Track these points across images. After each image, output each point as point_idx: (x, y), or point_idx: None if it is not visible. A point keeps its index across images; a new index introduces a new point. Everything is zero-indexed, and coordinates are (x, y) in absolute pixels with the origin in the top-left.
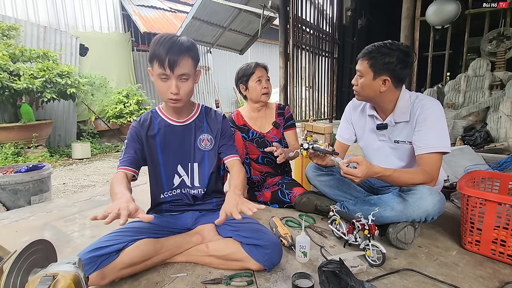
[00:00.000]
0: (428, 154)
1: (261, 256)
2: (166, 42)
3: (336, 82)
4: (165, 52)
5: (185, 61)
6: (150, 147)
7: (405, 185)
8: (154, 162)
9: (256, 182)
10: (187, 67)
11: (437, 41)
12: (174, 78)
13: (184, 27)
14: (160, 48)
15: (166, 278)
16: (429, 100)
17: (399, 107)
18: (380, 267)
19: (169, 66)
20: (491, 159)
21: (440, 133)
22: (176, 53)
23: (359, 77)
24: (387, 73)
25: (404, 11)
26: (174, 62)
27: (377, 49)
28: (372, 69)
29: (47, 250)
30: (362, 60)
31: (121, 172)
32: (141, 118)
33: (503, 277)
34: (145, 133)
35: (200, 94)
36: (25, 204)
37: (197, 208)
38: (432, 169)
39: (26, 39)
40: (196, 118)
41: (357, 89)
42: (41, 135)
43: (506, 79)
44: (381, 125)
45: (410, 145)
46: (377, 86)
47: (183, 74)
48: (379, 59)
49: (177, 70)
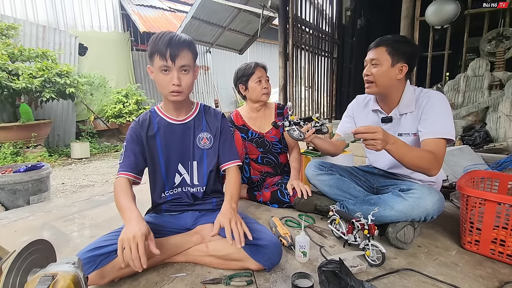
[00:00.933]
0: (434, 139)
1: (260, 256)
2: (166, 36)
3: (335, 82)
4: (166, 45)
5: (185, 53)
6: (150, 147)
7: (412, 163)
8: (155, 162)
9: (256, 182)
10: (188, 59)
11: (437, 41)
12: (175, 69)
13: (183, 27)
14: (161, 42)
15: (166, 278)
16: (435, 92)
17: (405, 98)
18: (379, 267)
19: (170, 57)
20: (491, 159)
21: (446, 121)
22: (177, 46)
23: (374, 66)
24: (405, 60)
25: (404, 11)
26: (175, 53)
27: (393, 37)
28: (391, 56)
29: (46, 250)
30: (379, 48)
31: (123, 178)
32: (140, 118)
33: (503, 276)
34: (145, 133)
35: (200, 94)
36: (24, 204)
37: (197, 208)
38: (439, 153)
39: (25, 39)
40: (196, 116)
41: (371, 78)
42: (40, 135)
43: (505, 79)
44: (386, 118)
45: (414, 137)
46: (394, 74)
47: (184, 66)
48: (397, 46)
49: (179, 61)
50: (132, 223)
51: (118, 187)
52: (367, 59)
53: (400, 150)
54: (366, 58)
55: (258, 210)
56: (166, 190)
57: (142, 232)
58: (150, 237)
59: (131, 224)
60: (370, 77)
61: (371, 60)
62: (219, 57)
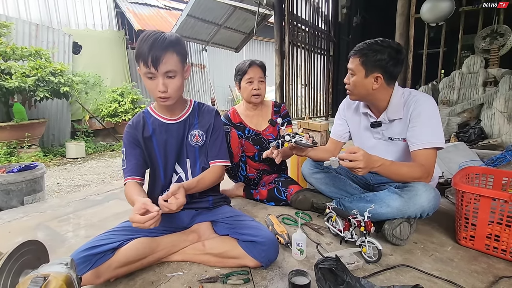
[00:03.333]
0: (423, 150)
1: (257, 253)
2: (149, 39)
3: (331, 80)
4: (148, 49)
5: (169, 57)
6: (148, 148)
7: (402, 179)
8: (154, 163)
9: (252, 179)
10: (173, 64)
11: (432, 38)
12: (160, 76)
13: (179, 25)
14: (143, 45)
15: (162, 277)
16: (422, 96)
17: (393, 104)
18: (376, 263)
19: (152, 64)
20: (485, 155)
21: (434, 129)
22: (159, 50)
23: (351, 75)
24: (379, 70)
25: (399, 8)
26: (158, 59)
27: (368, 46)
28: (364, 66)
29: (39, 250)
30: (354, 58)
31: (131, 182)
32: (133, 121)
33: (497, 271)
34: (140, 135)
35: (196, 92)
36: (18, 204)
37: (194, 206)
38: (428, 164)
39: (18, 37)
40: (189, 114)
41: (349, 87)
42: (34, 135)
43: (499, 75)
44: (375, 123)
45: (404, 142)
46: (370, 84)
47: (169, 71)
48: (371, 56)
49: (162, 67)
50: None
51: (128, 190)
52: (348, 66)
53: (388, 170)
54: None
55: (255, 208)
56: (164, 190)
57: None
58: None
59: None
60: (348, 86)
61: (349, 69)
62: (215, 55)
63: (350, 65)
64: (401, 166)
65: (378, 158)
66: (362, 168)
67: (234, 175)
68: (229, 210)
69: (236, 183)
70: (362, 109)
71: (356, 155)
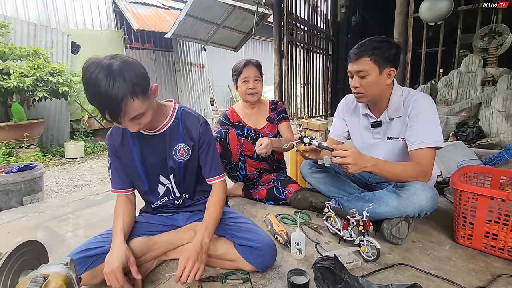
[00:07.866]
0: (421, 149)
1: (253, 258)
2: (94, 94)
3: (330, 79)
4: (99, 105)
5: (129, 106)
6: (128, 161)
7: (398, 179)
8: (136, 174)
9: (252, 179)
10: (135, 110)
11: (430, 37)
12: (127, 122)
13: (177, 24)
14: (92, 101)
15: (161, 277)
16: (421, 95)
17: (393, 102)
18: (374, 262)
19: (113, 119)
20: (483, 154)
21: (433, 128)
22: (114, 105)
23: (362, 77)
24: (390, 64)
25: (398, 7)
26: (116, 115)
27: (375, 44)
28: (377, 64)
29: (38, 251)
30: (363, 58)
31: (120, 197)
32: (112, 131)
33: (495, 270)
34: (119, 147)
35: (195, 92)
36: (17, 204)
37: (188, 209)
38: (426, 164)
39: (16, 37)
40: (172, 124)
41: (361, 90)
42: (33, 135)
43: (497, 75)
44: (375, 123)
45: (403, 142)
46: (384, 80)
47: (134, 117)
48: (380, 53)
49: (125, 118)
50: (113, 250)
51: (115, 207)
52: (352, 70)
53: (382, 169)
54: (350, 69)
55: (254, 207)
56: (154, 201)
57: (118, 263)
58: (131, 263)
59: (112, 251)
60: (359, 89)
61: (357, 72)
62: (214, 55)
63: (360, 66)
64: (395, 166)
65: (371, 158)
66: (351, 164)
67: (233, 175)
68: (226, 210)
69: (235, 183)
70: (361, 110)
71: (346, 152)
